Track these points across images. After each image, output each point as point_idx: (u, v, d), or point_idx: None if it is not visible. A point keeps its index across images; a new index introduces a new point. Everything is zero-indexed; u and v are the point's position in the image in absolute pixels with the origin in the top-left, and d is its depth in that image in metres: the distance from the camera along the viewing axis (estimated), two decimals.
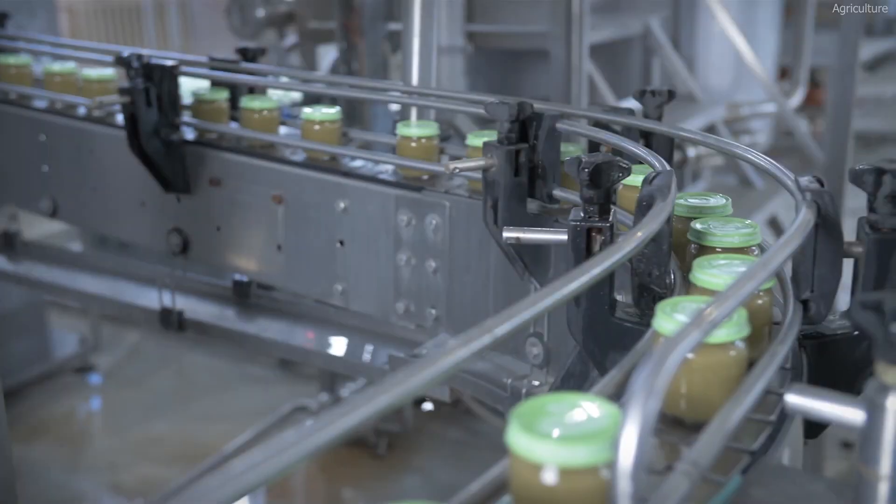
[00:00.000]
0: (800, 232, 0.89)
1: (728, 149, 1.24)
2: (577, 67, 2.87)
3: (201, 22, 8.16)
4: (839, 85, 3.31)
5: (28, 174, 2.32)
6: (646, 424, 0.57)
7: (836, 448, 3.51)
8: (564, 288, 0.75)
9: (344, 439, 0.55)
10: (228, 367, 4.31)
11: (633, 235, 0.88)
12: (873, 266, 1.00)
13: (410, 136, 1.74)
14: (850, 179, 1.01)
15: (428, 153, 1.74)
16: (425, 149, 1.74)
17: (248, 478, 0.52)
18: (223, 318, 2.16)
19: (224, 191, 1.97)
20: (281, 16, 3.92)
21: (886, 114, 7.78)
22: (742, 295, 0.74)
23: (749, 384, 0.78)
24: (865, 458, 0.68)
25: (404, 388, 0.59)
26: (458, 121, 2.89)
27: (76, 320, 4.48)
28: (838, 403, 0.69)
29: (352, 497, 3.50)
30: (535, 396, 0.68)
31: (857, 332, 1.00)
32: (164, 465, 3.55)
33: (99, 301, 2.38)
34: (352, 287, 1.82)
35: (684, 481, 0.64)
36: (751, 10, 4.17)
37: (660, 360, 0.61)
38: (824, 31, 4.57)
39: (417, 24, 2.23)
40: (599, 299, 1.06)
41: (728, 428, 0.71)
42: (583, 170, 1.04)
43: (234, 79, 2.01)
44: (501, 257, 1.54)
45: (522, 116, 1.41)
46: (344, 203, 1.79)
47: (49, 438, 3.75)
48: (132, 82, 1.88)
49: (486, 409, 3.42)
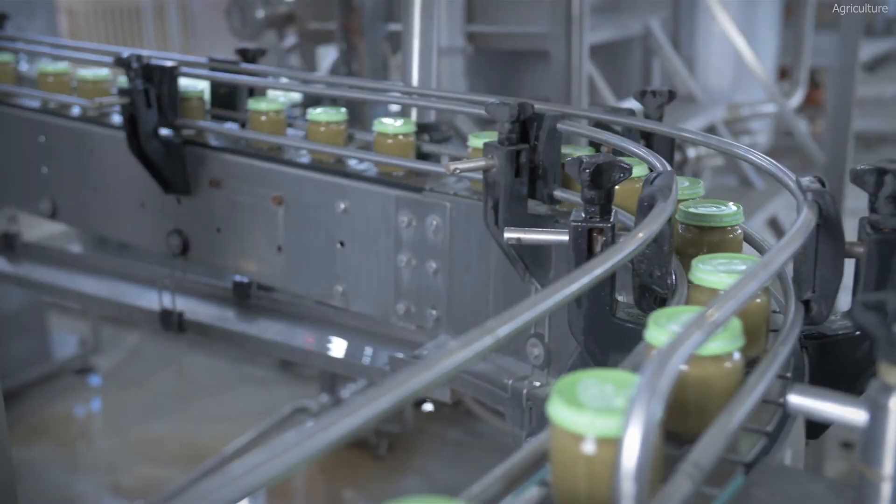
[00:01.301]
0: (801, 232, 0.89)
1: (730, 149, 1.24)
2: (577, 68, 2.87)
3: (201, 23, 8.16)
4: (839, 85, 3.31)
5: (27, 175, 2.32)
6: (650, 425, 0.57)
7: (837, 448, 3.51)
8: (566, 289, 0.75)
9: (347, 440, 0.55)
10: (228, 368, 4.31)
11: (634, 236, 0.88)
12: (874, 266, 1.00)
13: (387, 133, 1.74)
14: (851, 180, 1.01)
15: (405, 149, 1.75)
16: (402, 145, 1.74)
17: (250, 479, 0.52)
18: (223, 319, 2.16)
19: (224, 192, 1.97)
20: (281, 17, 3.92)
21: (886, 114, 7.78)
22: (744, 295, 0.74)
23: (751, 385, 0.78)
24: (867, 458, 0.68)
25: (407, 389, 0.59)
26: (459, 121, 2.88)
27: (76, 322, 4.48)
28: (841, 404, 0.69)
29: (352, 498, 3.49)
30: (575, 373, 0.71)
31: (859, 333, 1.00)
32: (164, 466, 3.55)
33: (99, 302, 2.38)
34: (352, 288, 1.82)
35: (686, 482, 0.63)
36: (751, 10, 4.17)
37: (662, 361, 0.61)
38: (824, 31, 4.58)
39: (418, 25, 2.23)
40: (601, 300, 1.05)
41: (731, 429, 0.71)
42: (584, 170, 1.04)
43: (234, 80, 2.01)
44: (502, 258, 1.54)
45: (523, 117, 1.41)
46: (344, 204, 1.79)
47: (49, 439, 3.75)
48: (132, 83, 1.88)
49: (486, 410, 3.42)
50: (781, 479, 0.77)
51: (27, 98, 2.31)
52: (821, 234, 0.99)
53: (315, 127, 1.84)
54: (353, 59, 3.36)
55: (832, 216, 0.98)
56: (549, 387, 1.53)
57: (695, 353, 0.70)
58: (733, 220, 1.14)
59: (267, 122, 1.92)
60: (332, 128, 1.83)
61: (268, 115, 1.92)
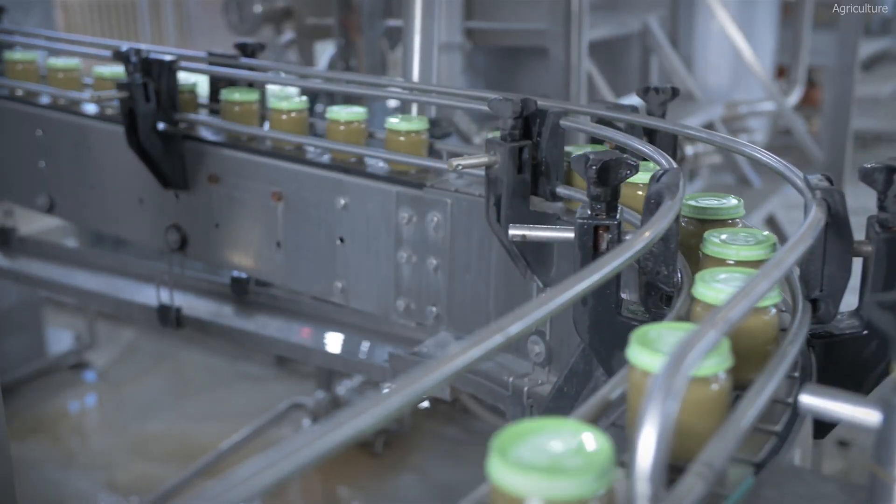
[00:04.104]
0: (811, 231, 0.88)
1: (735, 147, 1.23)
2: (575, 65, 2.86)
3: (197, 18, 8.13)
4: (838, 85, 3.31)
5: (25, 170, 2.30)
6: (665, 425, 0.56)
7: (833, 447, 3.51)
8: (576, 287, 0.74)
9: (357, 440, 0.54)
10: (224, 364, 4.30)
11: (641, 234, 0.87)
12: (883, 265, 0.99)
13: (399, 131, 1.72)
14: (860, 178, 1.00)
15: (417, 147, 1.73)
16: (414, 143, 1.72)
17: (255, 481, 0.51)
18: (221, 315, 2.15)
19: (223, 187, 1.96)
20: (278, 12, 3.90)
21: (882, 113, 7.79)
22: (756, 295, 0.73)
23: (761, 384, 0.77)
24: (880, 459, 0.68)
25: (418, 388, 0.58)
26: (458, 118, 2.87)
27: (72, 317, 4.46)
28: (853, 404, 0.68)
29: (348, 496, 3.48)
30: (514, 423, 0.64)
31: (867, 332, 0.99)
32: (159, 463, 3.54)
33: (96, 298, 2.37)
34: (352, 285, 1.81)
35: (698, 482, 0.63)
36: (749, 9, 4.16)
37: (677, 362, 0.60)
38: (821, 30, 4.58)
39: (418, 21, 2.23)
40: (605, 298, 1.05)
41: (742, 429, 0.70)
42: (590, 167, 1.03)
43: (233, 74, 2.00)
44: (502, 255, 1.53)
45: (526, 113, 1.40)
46: (344, 200, 1.77)
47: (44, 436, 3.73)
48: (130, 77, 1.87)
49: (483, 407, 3.42)
50: (792, 479, 0.76)
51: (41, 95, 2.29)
52: (829, 232, 0.98)
53: (334, 126, 1.80)
54: (351, 55, 3.35)
55: (840, 214, 0.97)
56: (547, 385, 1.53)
57: None
58: (734, 213, 1.14)
59: (288, 121, 1.88)
60: (353, 126, 1.80)
61: (289, 115, 1.87)
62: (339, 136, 1.80)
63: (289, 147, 1.87)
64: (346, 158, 1.81)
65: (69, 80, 2.23)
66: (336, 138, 1.80)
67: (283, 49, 4.05)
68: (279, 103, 1.87)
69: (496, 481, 0.58)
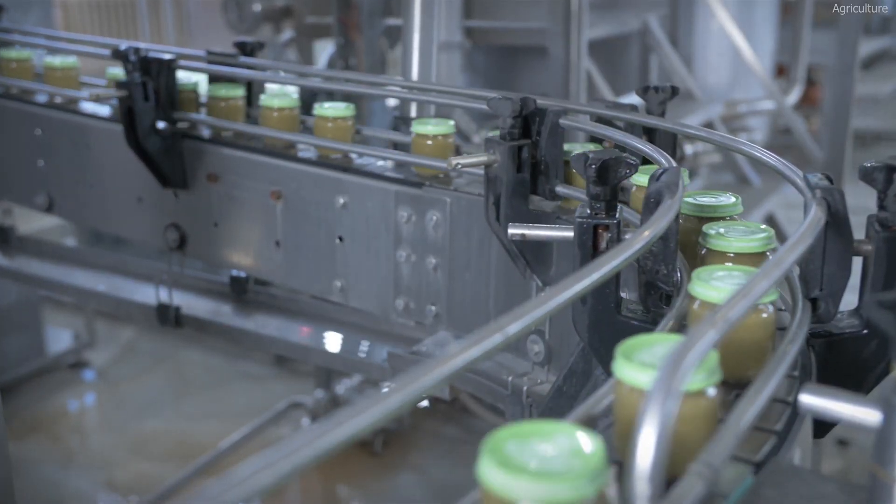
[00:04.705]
0: (811, 230, 0.88)
1: (735, 146, 1.23)
2: (575, 64, 2.86)
3: (196, 17, 8.12)
4: (838, 84, 3.31)
5: (24, 169, 2.30)
6: (664, 425, 0.56)
7: (833, 446, 3.51)
8: (576, 286, 0.74)
9: (356, 439, 0.54)
10: (223, 363, 4.29)
11: (641, 233, 0.87)
12: (883, 264, 0.99)
13: (427, 135, 1.71)
14: (860, 177, 1.00)
15: (443, 151, 1.71)
16: (441, 146, 1.71)
17: (254, 480, 0.51)
18: (220, 315, 2.15)
19: (222, 186, 1.95)
20: (278, 11, 3.90)
21: (882, 112, 7.79)
22: (756, 294, 0.73)
23: (761, 383, 0.77)
24: (881, 459, 0.67)
25: (418, 387, 0.58)
26: (457, 117, 2.87)
27: (71, 316, 4.46)
28: (853, 404, 0.68)
29: (348, 495, 3.48)
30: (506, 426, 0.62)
31: (867, 331, 0.99)
32: (158, 462, 3.54)
33: (95, 297, 2.37)
34: (351, 284, 1.81)
35: (698, 482, 0.62)
36: (749, 8, 4.16)
37: (677, 361, 0.60)
38: (821, 29, 4.57)
39: (418, 20, 2.23)
40: (605, 297, 1.04)
41: (741, 428, 0.70)
42: (590, 166, 1.03)
43: (233, 73, 1.99)
44: (502, 254, 1.53)
45: (525, 112, 1.40)
46: (343, 199, 1.77)
47: (43, 435, 3.73)
48: (129, 76, 1.87)
49: (482, 406, 3.42)
50: (791, 479, 0.76)
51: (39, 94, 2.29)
52: (829, 231, 0.98)
53: (322, 122, 1.81)
54: (351, 53, 3.35)
55: (840, 214, 0.97)
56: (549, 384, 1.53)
57: None
58: (732, 210, 1.13)
59: (279, 119, 1.88)
60: (340, 123, 1.80)
61: (281, 112, 1.88)
62: (327, 132, 1.80)
63: (281, 144, 1.87)
64: (329, 154, 1.81)
65: (67, 79, 2.22)
66: (323, 135, 1.80)
67: (282, 48, 4.05)
68: (270, 101, 1.87)
69: (486, 485, 0.58)
